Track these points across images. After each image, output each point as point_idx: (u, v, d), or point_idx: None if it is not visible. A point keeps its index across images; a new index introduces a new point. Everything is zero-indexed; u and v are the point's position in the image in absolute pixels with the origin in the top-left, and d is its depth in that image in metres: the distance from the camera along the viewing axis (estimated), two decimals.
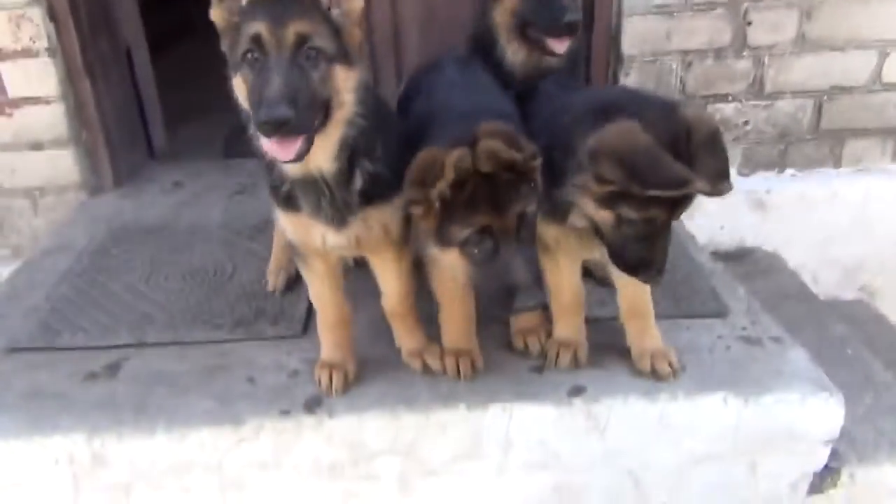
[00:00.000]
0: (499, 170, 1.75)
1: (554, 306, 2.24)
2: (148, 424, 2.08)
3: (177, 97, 4.30)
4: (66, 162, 3.43)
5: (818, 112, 3.44)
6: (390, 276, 2.19)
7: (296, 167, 1.86)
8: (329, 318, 2.21)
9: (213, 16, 1.82)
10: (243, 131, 1.91)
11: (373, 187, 1.96)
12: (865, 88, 3.40)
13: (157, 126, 4.00)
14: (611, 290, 2.48)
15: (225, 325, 2.48)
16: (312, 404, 2.11)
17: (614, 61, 3.32)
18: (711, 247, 3.41)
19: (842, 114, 3.46)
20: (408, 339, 2.26)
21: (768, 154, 3.52)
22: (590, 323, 2.29)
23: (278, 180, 1.96)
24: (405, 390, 2.15)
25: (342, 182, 1.92)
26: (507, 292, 1.80)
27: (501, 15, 2.50)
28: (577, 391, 2.12)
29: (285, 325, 2.46)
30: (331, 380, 2.14)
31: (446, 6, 3.52)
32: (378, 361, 2.27)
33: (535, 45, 2.48)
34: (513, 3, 2.47)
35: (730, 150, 3.36)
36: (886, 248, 3.61)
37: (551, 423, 2.10)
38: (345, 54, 1.81)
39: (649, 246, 1.86)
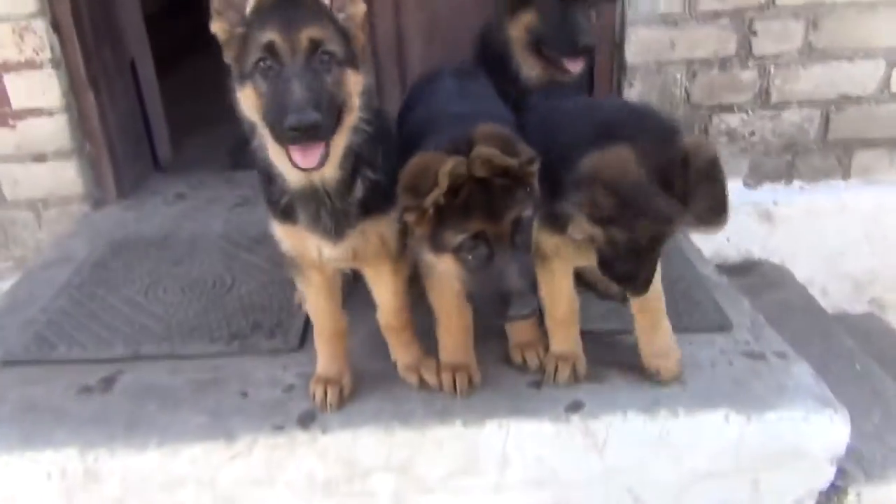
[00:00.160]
0: (494, 175, 1.72)
1: (549, 320, 2.21)
2: (141, 439, 2.06)
3: (183, 109, 4.32)
4: (70, 174, 3.43)
5: (825, 122, 3.40)
6: (386, 290, 2.16)
7: (299, 178, 1.85)
8: (325, 330, 2.18)
9: (214, 28, 1.80)
10: (248, 142, 1.90)
11: (372, 197, 1.94)
12: (873, 98, 3.36)
13: (162, 138, 4.01)
14: (612, 303, 2.47)
15: (221, 339, 2.46)
16: (306, 419, 2.08)
17: (618, 71, 3.30)
18: (718, 259, 3.37)
19: (850, 124, 3.42)
20: (403, 353, 2.24)
21: (775, 165, 3.48)
22: (590, 336, 2.25)
23: (277, 192, 1.94)
24: (400, 406, 2.12)
25: (343, 192, 1.90)
26: (501, 299, 1.76)
27: (517, 31, 2.53)
28: (575, 407, 2.08)
29: (282, 338, 2.44)
30: (325, 395, 2.11)
31: (450, 17, 3.53)
32: (374, 375, 2.24)
33: (549, 62, 2.53)
34: (529, 21, 2.50)
35: (736, 160, 3.43)
36: None
37: (549, 439, 2.06)
38: (352, 58, 1.81)
39: (637, 262, 1.87)
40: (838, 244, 3.51)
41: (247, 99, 1.78)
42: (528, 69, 2.57)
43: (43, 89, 3.27)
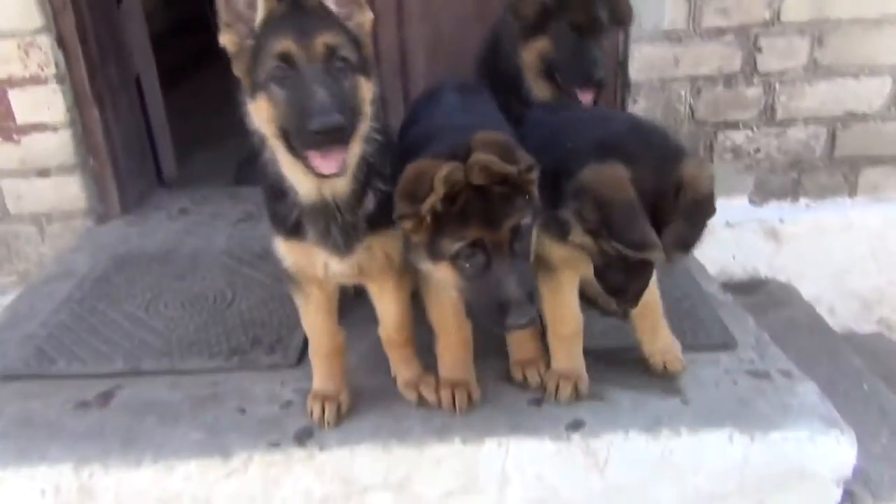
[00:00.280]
0: (492, 182, 1.70)
1: (552, 337, 2.19)
2: (136, 455, 2.04)
3: (189, 125, 4.33)
4: (73, 189, 3.43)
5: (832, 139, 3.38)
6: (389, 305, 2.14)
7: (312, 190, 1.84)
8: (323, 347, 2.16)
9: (223, 41, 1.78)
10: (257, 157, 1.89)
11: (381, 210, 1.91)
12: (879, 115, 3.34)
13: (167, 153, 4.01)
14: (613, 320, 2.44)
15: (220, 354, 2.44)
16: (303, 436, 2.06)
17: (622, 88, 3.29)
18: (723, 277, 3.35)
19: (856, 141, 3.39)
20: (404, 368, 2.21)
21: (781, 182, 3.46)
22: (591, 354, 2.22)
23: (286, 208, 1.91)
24: (399, 423, 2.10)
25: (353, 204, 1.89)
26: (499, 308, 1.73)
27: (530, 56, 2.55)
28: (576, 425, 2.05)
29: (281, 354, 2.42)
30: (323, 411, 2.09)
31: (453, 31, 3.53)
32: (373, 391, 2.22)
33: (560, 88, 2.55)
34: (543, 48, 2.52)
35: (741, 177, 3.41)
36: None
37: (549, 458, 2.03)
38: (364, 66, 1.80)
39: (626, 276, 1.88)
40: (845, 262, 3.47)
41: (259, 111, 1.75)
42: (538, 92, 2.59)
43: (47, 104, 3.28)
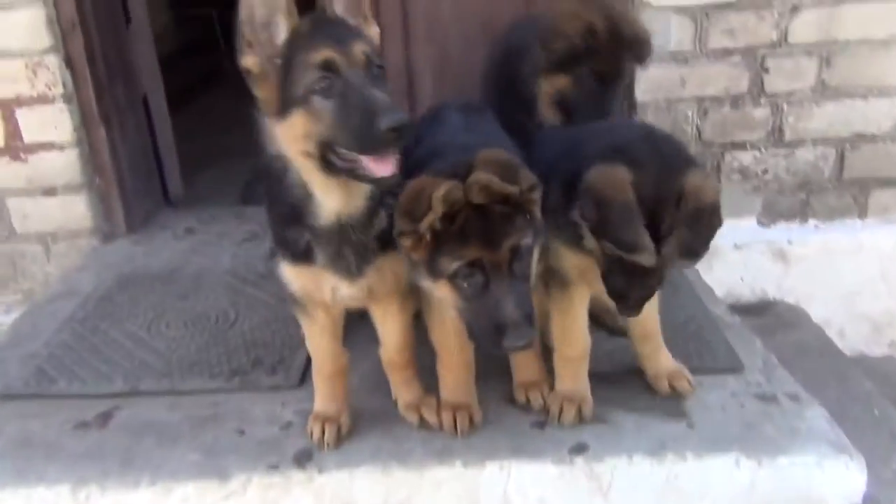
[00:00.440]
0: (492, 201, 1.68)
1: (558, 358, 2.16)
2: (133, 477, 2.02)
3: (196, 144, 4.35)
4: (79, 208, 3.44)
5: (840, 160, 3.35)
6: (392, 326, 2.12)
7: (332, 212, 1.82)
8: (326, 369, 2.14)
9: (247, 63, 1.73)
10: (269, 177, 1.87)
11: (391, 230, 1.88)
12: (889, 137, 3.30)
13: (174, 173, 4.02)
14: (618, 343, 2.41)
15: (222, 374, 2.42)
16: (303, 459, 2.04)
17: (628, 108, 3.27)
18: (731, 299, 3.30)
19: (866, 162, 3.36)
20: (405, 390, 2.19)
21: (789, 203, 3.42)
22: (595, 376, 2.19)
23: (297, 233, 1.89)
24: (399, 444, 2.07)
25: (367, 224, 1.87)
26: (496, 329, 1.72)
27: (549, 87, 2.55)
28: (579, 449, 2.02)
29: (283, 375, 2.40)
30: (323, 433, 2.06)
31: (460, 54, 3.53)
32: (374, 413, 2.20)
33: (570, 120, 2.56)
34: (563, 85, 2.52)
35: (749, 198, 3.38)
36: None
37: (552, 482, 2.00)
38: (385, 75, 1.80)
39: (628, 282, 1.87)
40: (855, 284, 3.43)
41: (293, 128, 1.71)
42: (548, 117, 2.60)
43: (55, 124, 3.29)
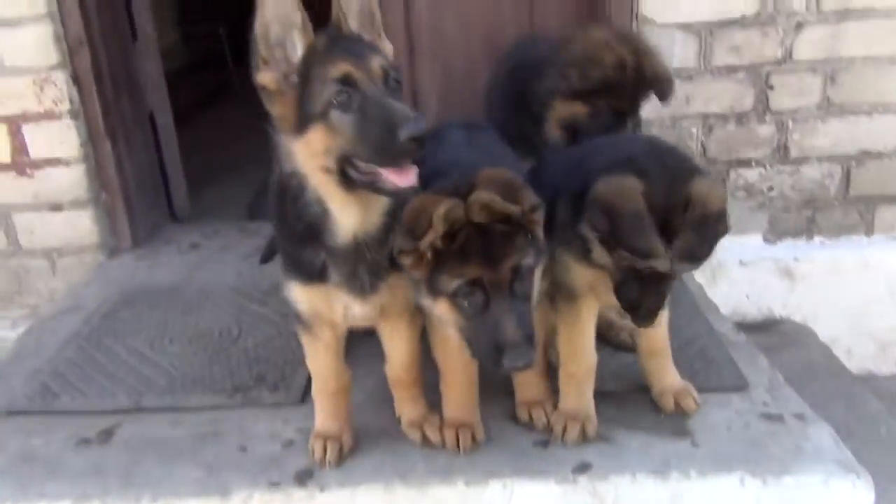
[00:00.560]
0: (494, 221, 1.68)
1: (563, 375, 2.15)
2: (135, 493, 2.01)
3: (201, 160, 4.36)
4: (85, 223, 3.45)
5: (846, 178, 3.34)
6: (400, 343, 2.11)
7: (348, 230, 1.82)
8: (330, 387, 2.12)
9: (263, 80, 1.74)
10: (282, 192, 1.86)
11: None
12: (895, 153, 3.29)
13: (180, 188, 4.05)
14: (624, 361, 2.39)
15: (224, 391, 2.41)
16: (304, 476, 2.02)
17: (632, 125, 3.27)
18: (737, 317, 3.29)
19: (872, 179, 3.35)
20: (409, 408, 2.18)
21: (795, 221, 3.41)
22: (600, 395, 2.17)
23: (312, 253, 1.88)
24: (401, 462, 2.06)
25: (382, 240, 1.86)
26: (496, 349, 1.71)
27: (563, 111, 2.57)
28: (582, 468, 2.00)
29: (285, 392, 2.39)
30: (325, 451, 2.05)
31: (463, 78, 3.54)
32: (376, 430, 2.18)
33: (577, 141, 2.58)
34: (578, 111, 2.54)
35: (755, 216, 3.37)
36: None
37: (554, 501, 1.98)
38: (402, 87, 1.81)
39: (643, 290, 1.88)
40: (862, 302, 3.41)
41: (312, 143, 1.71)
42: (554, 136, 2.63)
43: (61, 140, 3.32)
